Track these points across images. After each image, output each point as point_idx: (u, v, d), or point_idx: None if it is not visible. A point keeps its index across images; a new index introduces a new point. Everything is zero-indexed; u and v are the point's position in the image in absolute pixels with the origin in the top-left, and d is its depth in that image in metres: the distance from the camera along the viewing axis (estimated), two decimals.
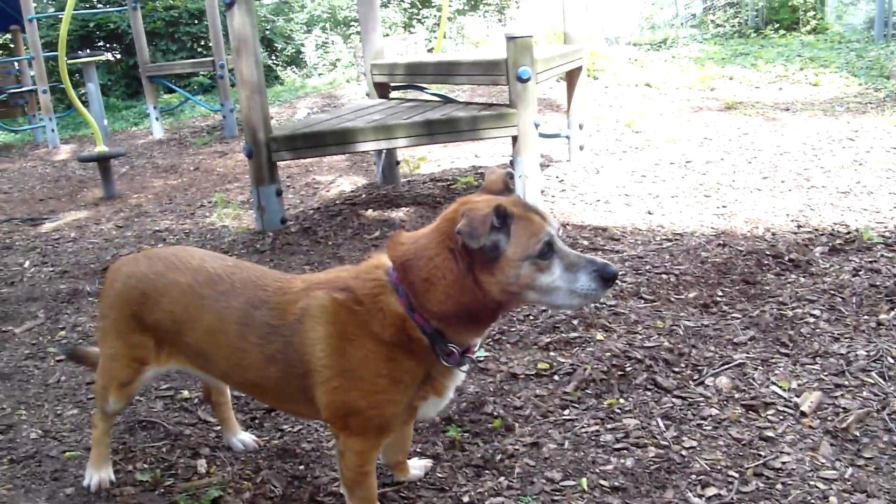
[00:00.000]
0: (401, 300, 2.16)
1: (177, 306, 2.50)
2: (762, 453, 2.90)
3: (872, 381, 3.33)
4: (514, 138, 6.08)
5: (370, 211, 6.35)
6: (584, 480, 2.78)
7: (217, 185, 8.39)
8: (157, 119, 12.28)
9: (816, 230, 5.29)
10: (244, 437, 3.13)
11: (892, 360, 3.48)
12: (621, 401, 3.33)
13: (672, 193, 6.46)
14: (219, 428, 3.23)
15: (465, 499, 2.72)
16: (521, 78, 5.87)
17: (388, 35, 17.45)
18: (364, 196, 6.97)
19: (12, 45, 14.83)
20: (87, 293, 5.02)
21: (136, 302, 2.56)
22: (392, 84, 7.55)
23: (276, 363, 2.34)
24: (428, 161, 8.38)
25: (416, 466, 2.87)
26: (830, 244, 4.97)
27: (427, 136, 5.99)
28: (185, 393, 3.59)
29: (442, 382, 2.30)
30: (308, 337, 2.26)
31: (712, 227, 5.54)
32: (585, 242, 5.36)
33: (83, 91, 12.66)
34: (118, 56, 18.52)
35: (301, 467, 2.95)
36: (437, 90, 7.95)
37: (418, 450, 3.03)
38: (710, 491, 2.71)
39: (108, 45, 18.35)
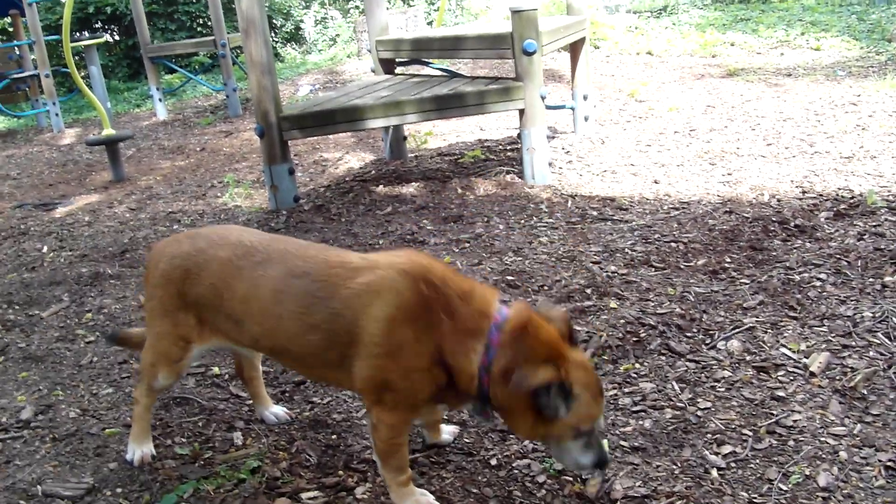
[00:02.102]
0: (483, 358, 2.31)
1: (216, 279, 2.62)
2: (774, 412, 3.03)
3: (878, 342, 3.45)
4: (521, 111, 6.17)
5: (381, 187, 6.46)
6: (605, 442, 2.91)
7: (225, 165, 8.48)
8: (160, 100, 12.31)
9: (821, 196, 5.39)
10: (276, 410, 3.26)
11: None
12: (637, 366, 3.46)
13: (677, 162, 6.55)
14: (251, 402, 3.35)
15: (493, 462, 2.86)
16: (527, 51, 5.95)
17: (388, 9, 17.39)
18: (373, 172, 7.07)
19: (11, 30, 14.82)
20: (109, 276, 5.14)
21: (180, 279, 2.68)
22: (397, 59, 7.61)
23: (316, 332, 2.44)
24: (434, 136, 8.46)
25: (446, 431, 3.01)
26: (835, 209, 5.08)
27: (436, 111, 6.08)
28: (216, 370, 3.72)
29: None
30: (367, 313, 2.35)
31: (718, 195, 5.64)
32: (594, 213, 5.47)
33: (84, 74, 12.72)
34: (118, 37, 18.50)
35: (333, 437, 3.08)
36: (441, 65, 7.99)
37: (445, 417, 3.16)
38: (726, 449, 2.84)
39: (106, 27, 18.32)
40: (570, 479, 2.72)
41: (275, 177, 6.02)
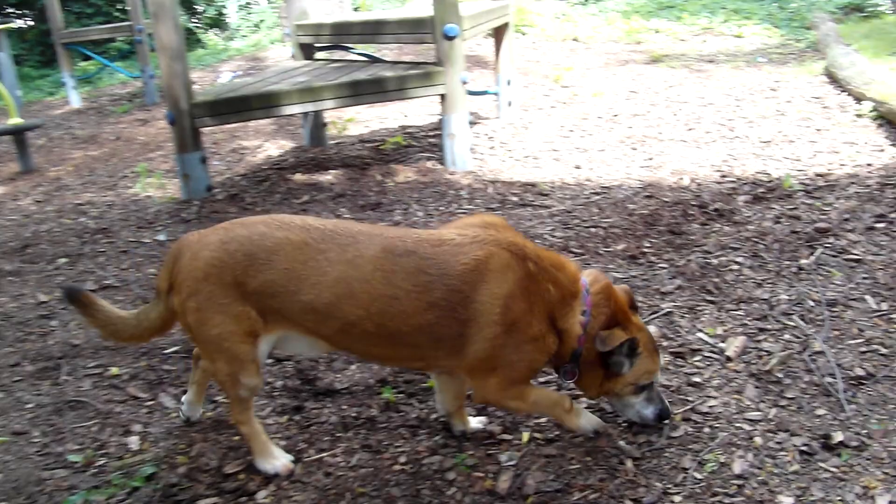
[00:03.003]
0: (583, 321, 2.56)
1: (294, 263, 2.43)
2: (690, 398, 2.98)
3: (794, 324, 3.44)
4: (443, 97, 6.05)
5: (298, 175, 6.26)
6: (525, 435, 2.82)
7: (140, 154, 8.15)
8: (73, 88, 11.82)
9: (740, 179, 5.40)
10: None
11: (812, 304, 3.59)
12: None
13: (600, 147, 6.52)
14: (151, 403, 3.17)
15: (402, 459, 2.73)
16: (448, 35, 5.82)
17: None
18: (291, 160, 6.86)
19: None
20: (7, 272, 4.85)
21: (240, 266, 2.43)
22: (317, 45, 7.40)
23: (435, 310, 2.43)
24: (356, 122, 8.28)
25: (478, 420, 2.94)
26: (753, 193, 5.09)
27: (354, 96, 5.91)
28: (114, 370, 3.51)
29: None
30: (484, 290, 2.42)
31: (639, 180, 5.62)
32: (515, 199, 5.39)
33: None
34: (30, 23, 17.75)
35: (236, 438, 2.92)
36: (362, 50, 7.80)
37: (353, 414, 3.03)
38: (641, 438, 2.77)
39: (17, 12, 17.56)
40: (481, 474, 2.62)
41: (186, 165, 5.78)
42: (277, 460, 2.70)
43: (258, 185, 6.11)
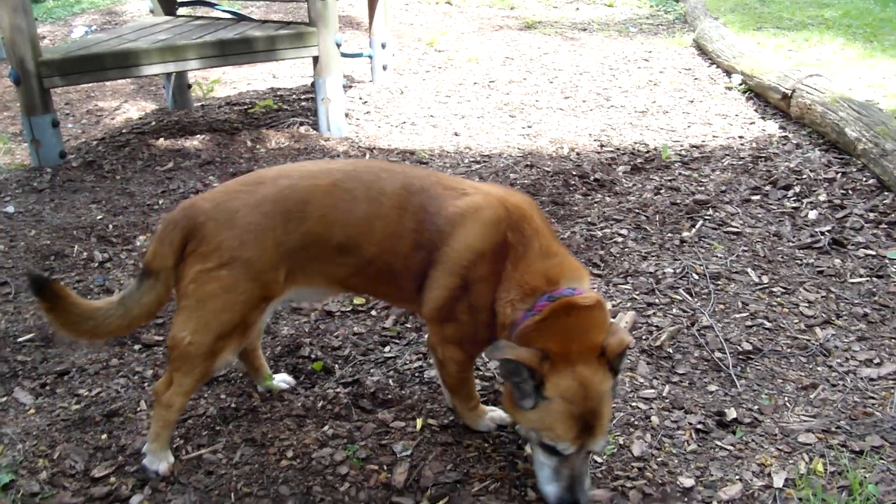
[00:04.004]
0: (521, 317, 2.21)
1: (326, 208, 2.33)
2: None
3: (680, 298, 3.44)
4: (315, 59, 5.75)
5: (161, 140, 5.82)
6: (419, 421, 2.67)
7: None
8: None
9: (618, 149, 5.42)
10: (284, 377, 2.94)
11: (696, 276, 3.61)
12: None
13: (478, 114, 6.41)
14: (4, 399, 2.83)
15: (290, 453, 2.53)
16: None
17: None
18: (154, 123, 6.38)
19: None
20: None
21: (280, 225, 2.29)
22: (179, 0, 6.90)
23: (423, 250, 2.34)
24: (222, 84, 7.82)
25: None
26: (632, 163, 5.11)
27: (220, 56, 5.53)
28: None
29: None
30: (460, 236, 2.29)
31: (519, 148, 5.55)
32: None
33: None
34: None
35: (104, 436, 2.63)
36: (229, 6, 7.35)
37: (233, 405, 2.79)
38: None
39: None
40: (375, 467, 2.46)
41: (35, 130, 5.25)
42: (166, 461, 2.46)
43: (117, 150, 5.63)
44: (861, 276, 3.62)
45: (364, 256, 2.37)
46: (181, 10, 7.03)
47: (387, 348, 3.17)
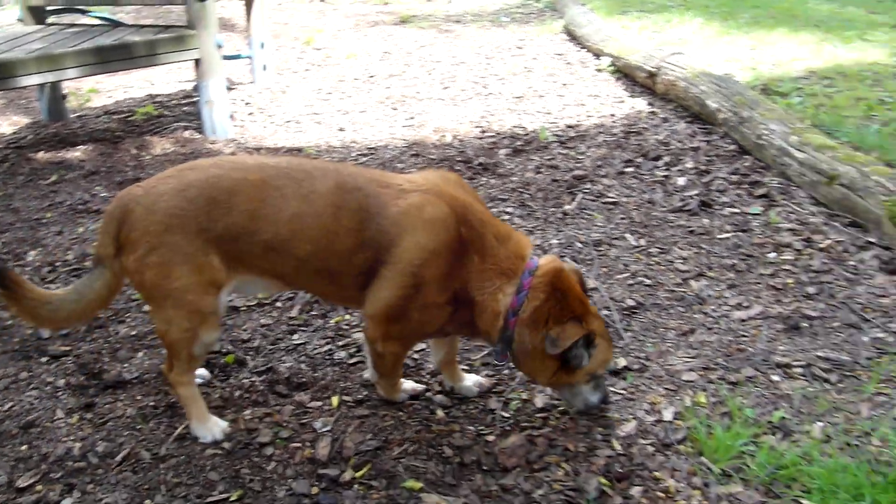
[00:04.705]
0: (513, 299, 2.39)
1: (254, 202, 2.36)
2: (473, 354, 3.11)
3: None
4: (197, 62, 5.76)
5: (41, 153, 5.70)
6: (335, 399, 2.80)
7: None
8: None
9: (499, 134, 5.66)
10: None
11: (580, 245, 3.88)
12: (347, 317, 3.38)
13: (360, 109, 6.54)
14: None
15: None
16: None
17: None
18: (31, 137, 6.22)
19: None
20: None
21: (203, 212, 2.33)
22: (49, 7, 6.72)
23: (367, 249, 2.37)
24: (98, 93, 7.66)
25: (471, 381, 2.87)
26: (512, 146, 5.36)
27: (100, 64, 5.45)
28: None
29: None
30: (410, 238, 2.34)
31: (403, 139, 5.72)
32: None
33: None
34: None
35: (24, 448, 2.65)
36: (100, 13, 7.19)
37: (151, 404, 2.85)
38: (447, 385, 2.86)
39: None
40: (299, 445, 2.59)
41: None
42: (216, 426, 2.63)
43: None
44: (727, 231, 3.97)
45: (297, 255, 2.42)
46: (51, 19, 6.85)
47: (295, 336, 3.29)
